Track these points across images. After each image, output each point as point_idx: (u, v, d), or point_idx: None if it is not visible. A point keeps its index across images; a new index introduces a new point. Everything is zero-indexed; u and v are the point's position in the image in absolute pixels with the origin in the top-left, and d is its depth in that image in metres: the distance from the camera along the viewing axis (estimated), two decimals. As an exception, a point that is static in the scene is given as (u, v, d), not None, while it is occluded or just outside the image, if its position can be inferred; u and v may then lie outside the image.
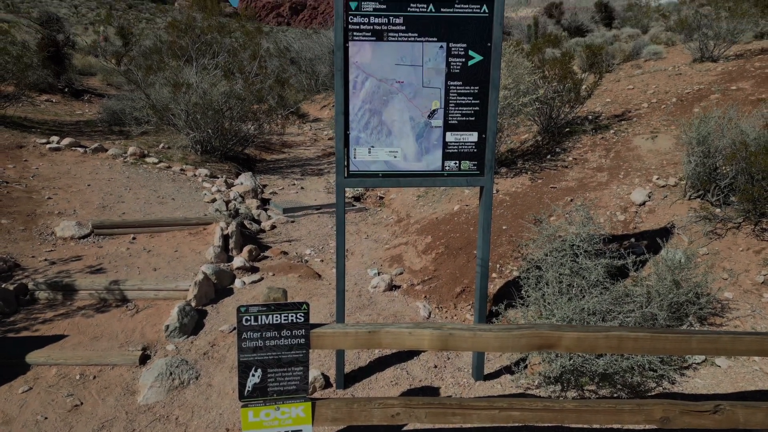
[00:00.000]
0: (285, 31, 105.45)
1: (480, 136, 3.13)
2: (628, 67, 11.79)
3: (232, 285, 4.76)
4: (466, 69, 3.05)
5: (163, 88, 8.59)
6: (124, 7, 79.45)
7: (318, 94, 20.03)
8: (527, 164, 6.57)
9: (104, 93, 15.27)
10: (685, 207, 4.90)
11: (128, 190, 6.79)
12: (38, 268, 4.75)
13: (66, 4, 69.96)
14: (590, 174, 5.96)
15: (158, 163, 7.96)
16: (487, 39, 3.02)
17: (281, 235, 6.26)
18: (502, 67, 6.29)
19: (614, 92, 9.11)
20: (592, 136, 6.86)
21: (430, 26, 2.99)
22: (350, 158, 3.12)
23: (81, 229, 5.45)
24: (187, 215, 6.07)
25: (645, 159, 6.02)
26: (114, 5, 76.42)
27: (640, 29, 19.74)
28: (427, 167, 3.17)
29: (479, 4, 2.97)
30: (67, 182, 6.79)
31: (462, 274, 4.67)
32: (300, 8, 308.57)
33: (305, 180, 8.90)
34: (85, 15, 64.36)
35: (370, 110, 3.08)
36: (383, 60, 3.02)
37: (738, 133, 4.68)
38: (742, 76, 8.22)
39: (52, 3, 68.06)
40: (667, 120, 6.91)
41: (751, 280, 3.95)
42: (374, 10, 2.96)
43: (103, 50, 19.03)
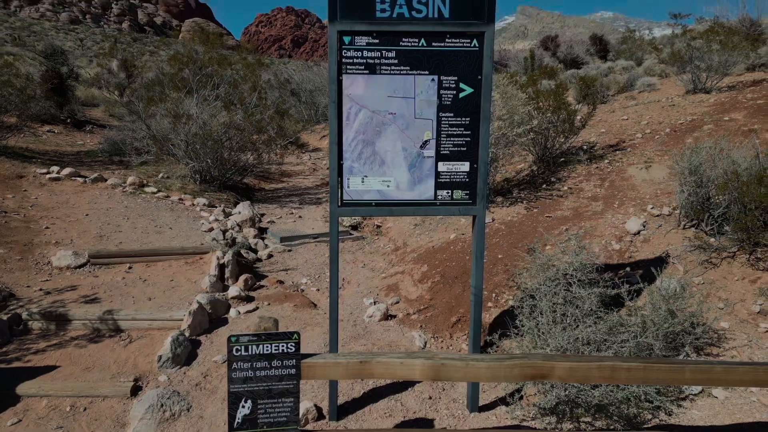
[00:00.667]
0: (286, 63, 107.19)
1: (472, 166, 3.17)
2: (622, 98, 11.98)
3: (227, 314, 4.74)
4: (457, 101, 3.12)
5: (164, 119, 8.71)
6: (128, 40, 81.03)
7: (318, 124, 20.28)
8: (523, 193, 6.61)
9: (106, 124, 15.46)
10: (680, 236, 4.91)
11: (126, 219, 6.81)
12: (33, 298, 4.74)
13: (71, 37, 71.43)
14: (585, 203, 5.99)
15: (157, 192, 8.01)
16: (478, 72, 3.09)
17: (278, 264, 6.26)
18: (497, 98, 6.40)
19: (609, 123, 9.24)
20: (587, 166, 6.92)
21: (421, 60, 3.07)
22: (344, 188, 3.16)
23: (77, 258, 5.46)
24: (184, 244, 6.08)
25: (639, 188, 6.06)
26: (119, 38, 77.99)
27: (634, 61, 20.10)
28: (419, 196, 3.20)
29: (469, 39, 3.05)
30: (65, 212, 6.82)
31: (458, 303, 4.66)
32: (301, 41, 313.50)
33: (303, 209, 8.94)
34: (90, 48, 65.63)
35: (363, 141, 3.13)
36: (376, 92, 3.08)
37: (730, 163, 4.73)
38: (735, 107, 8.35)
39: (57, 36, 69.50)
40: (660, 150, 6.98)
41: (747, 309, 3.94)
42: (367, 44, 3.04)
43: (106, 82, 19.38)
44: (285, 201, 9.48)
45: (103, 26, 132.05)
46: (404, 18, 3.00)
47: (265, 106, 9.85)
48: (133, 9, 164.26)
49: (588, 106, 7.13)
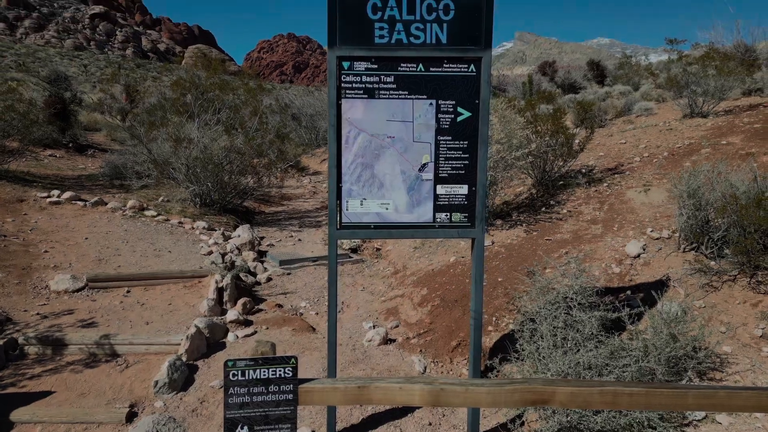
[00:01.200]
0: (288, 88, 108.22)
1: (470, 189, 3.18)
2: (620, 122, 12.08)
3: (224, 339, 4.70)
4: (455, 125, 3.14)
5: (165, 143, 8.77)
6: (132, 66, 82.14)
7: (318, 147, 20.42)
8: (522, 216, 6.61)
9: (108, 148, 15.56)
10: (680, 259, 4.90)
11: (125, 242, 6.80)
12: (30, 323, 4.70)
13: (76, 63, 72.41)
14: (585, 226, 5.99)
15: (157, 216, 8.02)
16: (475, 96, 3.12)
17: (277, 288, 6.23)
18: (495, 122, 6.46)
19: (607, 146, 9.30)
20: (586, 189, 6.94)
21: (420, 85, 3.10)
22: (343, 210, 3.16)
23: (75, 282, 5.43)
24: (183, 268, 6.06)
25: (638, 212, 6.06)
26: (122, 64, 79.08)
27: (631, 86, 20.34)
28: (418, 219, 3.20)
29: (467, 64, 3.09)
30: (64, 235, 6.82)
31: (458, 327, 4.62)
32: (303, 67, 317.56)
33: (303, 232, 8.93)
34: (93, 74, 66.47)
35: (362, 164, 3.14)
36: (375, 116, 3.11)
37: (728, 186, 4.74)
38: (732, 130, 8.41)
39: (62, 62, 70.44)
40: (659, 174, 7.01)
41: (750, 333, 3.90)
42: (366, 69, 3.08)
43: (108, 107, 19.58)
44: (285, 224, 9.48)
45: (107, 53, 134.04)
46: (402, 44, 3.05)
47: (265, 130, 9.93)
48: (137, 36, 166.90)
49: (586, 130, 7.18)
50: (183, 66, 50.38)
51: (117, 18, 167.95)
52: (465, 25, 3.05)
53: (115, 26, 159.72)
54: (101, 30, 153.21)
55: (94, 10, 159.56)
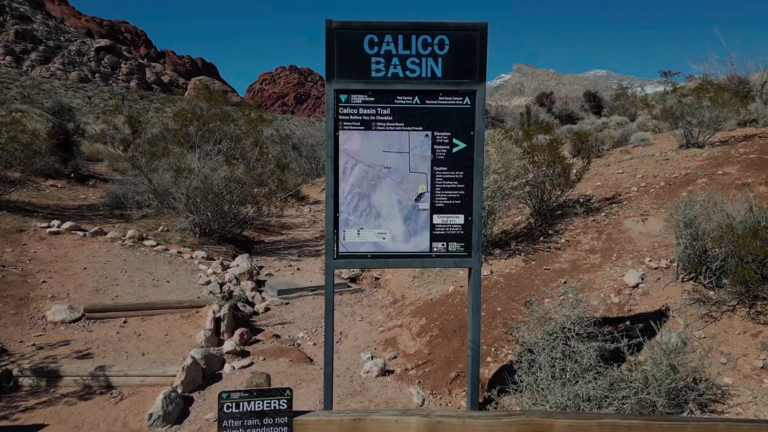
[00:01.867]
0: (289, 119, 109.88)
1: (466, 218, 3.21)
2: (617, 152, 12.19)
3: (221, 370, 4.65)
4: (450, 155, 3.19)
5: (166, 173, 8.84)
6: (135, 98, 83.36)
7: (318, 177, 20.56)
8: (521, 246, 6.62)
9: (109, 178, 15.67)
10: (679, 289, 4.89)
11: (124, 272, 6.80)
12: (25, 354, 4.66)
13: (80, 95, 73.49)
14: (583, 256, 5.99)
15: (156, 245, 8.03)
16: (470, 128, 3.18)
17: (274, 318, 6.19)
18: (492, 152, 6.53)
19: (604, 176, 9.37)
20: (584, 219, 6.97)
21: (415, 117, 3.16)
22: (340, 240, 3.18)
23: (72, 312, 5.41)
24: (181, 298, 6.03)
25: (636, 241, 6.07)
26: (126, 96, 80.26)
27: (627, 117, 20.60)
28: (415, 248, 3.22)
29: (462, 97, 3.16)
30: (63, 265, 6.81)
31: (456, 358, 4.57)
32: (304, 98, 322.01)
33: (302, 261, 8.92)
34: (97, 105, 67.42)
35: (359, 194, 3.18)
36: (372, 147, 3.16)
37: (724, 216, 4.76)
38: (728, 161, 8.49)
39: (66, 94, 71.46)
40: (656, 203, 7.05)
41: (750, 364, 3.86)
42: (363, 102, 3.14)
43: (111, 138, 19.81)
44: (284, 253, 9.47)
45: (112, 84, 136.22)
46: (399, 77, 3.12)
47: (266, 160, 10.03)
48: (141, 68, 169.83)
49: (583, 160, 7.25)
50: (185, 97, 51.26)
51: (122, 51, 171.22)
52: (460, 60, 3.12)
53: (120, 59, 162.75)
54: (106, 63, 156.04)
55: (99, 43, 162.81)
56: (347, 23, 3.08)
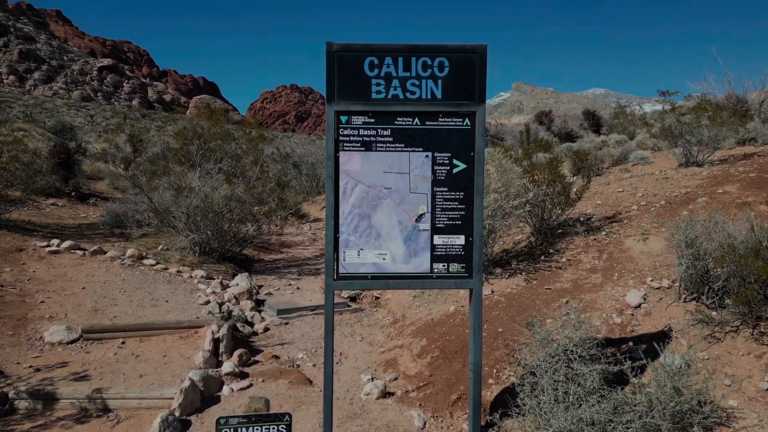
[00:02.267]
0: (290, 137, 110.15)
1: (467, 239, 3.19)
2: (617, 171, 12.22)
3: (219, 392, 4.59)
4: (451, 176, 3.19)
5: (166, 192, 8.85)
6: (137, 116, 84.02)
7: (319, 195, 20.59)
8: (522, 265, 6.59)
9: (110, 197, 15.70)
10: (681, 309, 4.85)
11: (123, 292, 6.76)
12: (22, 376, 4.61)
13: (82, 113, 74.08)
14: (584, 275, 5.96)
15: (155, 264, 8.00)
16: (470, 149, 3.18)
17: (274, 338, 6.14)
18: (492, 171, 6.54)
19: (604, 195, 9.37)
20: (584, 238, 6.95)
21: (416, 138, 3.17)
22: (340, 261, 3.16)
23: (70, 333, 5.36)
24: (179, 318, 5.99)
25: (638, 260, 6.05)
26: (128, 114, 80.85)
27: (626, 135, 20.72)
28: (415, 269, 3.20)
29: (461, 118, 3.17)
30: (62, 285, 6.78)
31: (458, 380, 4.52)
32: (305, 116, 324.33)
33: (302, 280, 8.88)
34: (99, 124, 67.87)
35: (359, 214, 3.17)
36: (372, 168, 3.16)
37: (725, 236, 4.75)
38: (728, 179, 8.50)
39: (68, 113, 72.07)
40: (656, 222, 7.04)
41: (755, 386, 3.82)
42: (363, 123, 3.15)
43: (112, 156, 19.88)
44: (284, 272, 9.43)
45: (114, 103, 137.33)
46: (399, 99, 3.14)
47: (266, 179, 10.04)
48: (143, 87, 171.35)
49: (583, 179, 7.26)
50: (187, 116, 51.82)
51: (124, 70, 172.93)
52: (459, 81, 3.14)
53: (122, 78, 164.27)
54: (108, 82, 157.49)
55: (102, 62, 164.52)
56: (348, 46, 3.11)
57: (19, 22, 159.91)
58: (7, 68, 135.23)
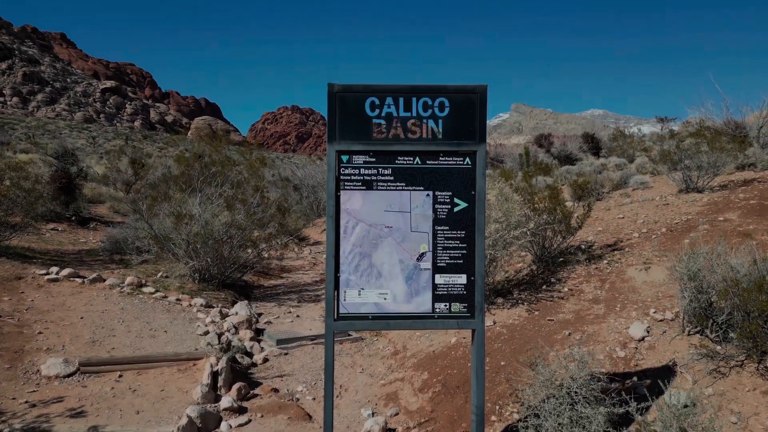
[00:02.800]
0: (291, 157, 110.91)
1: (469, 278, 3.17)
2: (617, 195, 12.24)
3: (218, 429, 4.52)
4: (452, 215, 3.18)
5: (166, 218, 8.84)
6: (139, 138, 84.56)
7: (319, 217, 20.57)
8: (523, 294, 6.55)
9: (110, 221, 15.70)
10: (685, 343, 4.80)
11: (121, 322, 6.70)
12: (17, 412, 4.54)
13: (84, 135, 74.64)
14: (587, 306, 5.92)
15: (155, 292, 7.95)
16: (471, 187, 3.18)
17: (273, 369, 6.07)
18: (492, 200, 6.54)
19: (605, 221, 9.36)
20: (586, 266, 6.92)
21: (416, 177, 3.17)
22: (340, 300, 3.13)
23: (67, 366, 5.30)
24: (178, 350, 5.93)
25: (640, 291, 6.01)
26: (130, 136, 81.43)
27: (626, 158, 20.79)
28: (417, 309, 3.17)
29: (462, 157, 3.17)
30: (60, 315, 6.73)
31: (460, 417, 4.45)
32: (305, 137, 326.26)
33: (301, 307, 8.82)
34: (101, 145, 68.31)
35: (360, 253, 3.15)
36: (373, 207, 3.15)
37: (728, 269, 4.72)
38: (728, 206, 8.50)
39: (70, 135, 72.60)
40: (658, 251, 7.01)
41: (762, 424, 3.75)
42: (364, 162, 3.16)
43: (114, 180, 19.94)
44: (283, 299, 9.37)
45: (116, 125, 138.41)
46: (399, 138, 3.15)
47: (267, 205, 10.05)
48: (145, 109, 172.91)
49: (584, 207, 7.25)
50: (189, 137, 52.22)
51: (127, 92, 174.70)
52: (460, 121, 3.15)
53: (125, 99, 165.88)
54: (111, 103, 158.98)
55: (105, 84, 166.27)
56: (349, 87, 3.13)
57: (24, 45, 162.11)
58: (11, 90, 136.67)
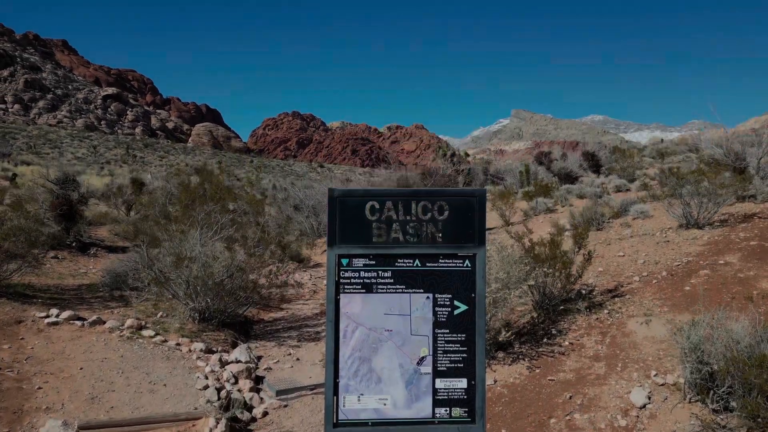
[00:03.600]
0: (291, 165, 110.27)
1: (469, 382, 3.15)
2: (617, 225, 12.23)
3: (216, 503, 4.50)
4: (452, 317, 3.17)
5: (167, 257, 8.84)
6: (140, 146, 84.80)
7: (319, 238, 20.56)
8: (524, 348, 6.53)
9: (112, 245, 15.72)
10: (686, 412, 4.78)
11: (120, 373, 6.69)
12: (15, 485, 4.53)
13: (85, 144, 74.87)
14: (588, 364, 5.90)
15: (154, 336, 7.94)
16: (471, 290, 3.17)
17: (273, 425, 6.05)
18: (494, 254, 6.53)
19: (606, 259, 9.35)
20: (587, 317, 6.91)
21: (416, 279, 3.16)
22: (339, 406, 3.12)
23: (66, 429, 5.28)
24: (177, 408, 5.92)
25: (641, 347, 6.00)
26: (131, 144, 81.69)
27: (626, 177, 20.81)
28: (417, 414, 3.15)
29: (462, 260, 3.17)
30: (60, 365, 6.72)
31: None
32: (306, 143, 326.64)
33: (301, 347, 8.79)
34: (102, 154, 68.52)
35: (359, 358, 3.14)
36: (373, 310, 3.14)
37: (728, 339, 4.71)
38: (729, 247, 8.49)
39: (72, 144, 72.85)
40: (660, 300, 7.00)
41: None
42: (364, 265, 3.15)
43: (114, 197, 19.94)
44: (283, 337, 9.35)
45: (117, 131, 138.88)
46: (399, 242, 3.14)
47: (267, 240, 10.05)
48: (146, 115, 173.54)
49: (584, 256, 7.24)
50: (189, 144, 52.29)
51: (128, 98, 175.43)
52: (459, 224, 3.15)
53: (126, 106, 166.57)
54: (112, 110, 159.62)
55: (106, 91, 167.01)
56: (349, 192, 3.13)
57: (25, 52, 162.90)
58: (12, 97, 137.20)
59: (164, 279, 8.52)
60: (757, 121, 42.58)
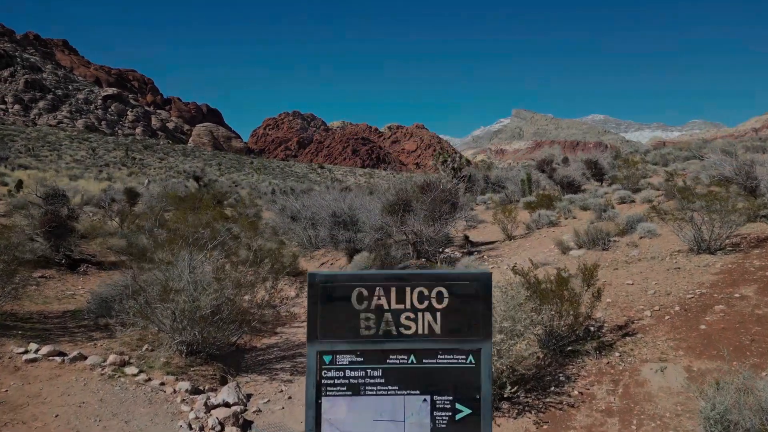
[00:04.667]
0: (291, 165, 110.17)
1: (473, 499, 2.72)
2: (624, 245, 11.79)
3: None
4: (453, 423, 2.73)
5: (153, 287, 8.41)
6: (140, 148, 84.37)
7: (317, 250, 20.13)
8: (530, 397, 6.09)
9: (103, 260, 15.29)
10: (711, 488, 4.35)
11: (98, 422, 6.26)
12: None
13: (84, 146, 74.41)
14: (600, 420, 5.46)
15: (138, 374, 7.51)
16: (476, 391, 2.74)
17: (260, 483, 5.62)
18: (498, 296, 6.09)
19: (614, 288, 8.90)
20: (596, 360, 6.46)
21: (411, 379, 2.73)
22: None
23: (32, 498, 4.86)
24: (156, 467, 5.48)
25: (657, 400, 5.56)
26: (130, 146, 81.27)
27: (629, 188, 20.33)
28: None
29: (465, 356, 2.73)
30: (33, 412, 6.29)
31: None
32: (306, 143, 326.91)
33: (294, 382, 8.37)
34: (101, 157, 68.10)
35: (345, 472, 2.70)
36: (360, 416, 2.71)
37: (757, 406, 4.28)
38: (743, 277, 8.05)
39: (71, 146, 72.42)
40: (674, 341, 6.56)
41: None
42: (350, 363, 2.72)
43: (107, 207, 19.52)
44: (276, 369, 8.92)
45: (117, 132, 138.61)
46: (391, 335, 2.71)
47: (259, 264, 9.63)
48: (147, 115, 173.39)
49: (593, 294, 6.79)
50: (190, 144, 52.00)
51: (129, 99, 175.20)
52: (461, 314, 2.71)
53: (127, 106, 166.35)
54: (113, 110, 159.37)
55: (107, 91, 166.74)
56: (333, 276, 2.70)
57: (26, 53, 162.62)
58: (12, 98, 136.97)
59: (150, 310, 8.09)
60: (758, 121, 41.73)
